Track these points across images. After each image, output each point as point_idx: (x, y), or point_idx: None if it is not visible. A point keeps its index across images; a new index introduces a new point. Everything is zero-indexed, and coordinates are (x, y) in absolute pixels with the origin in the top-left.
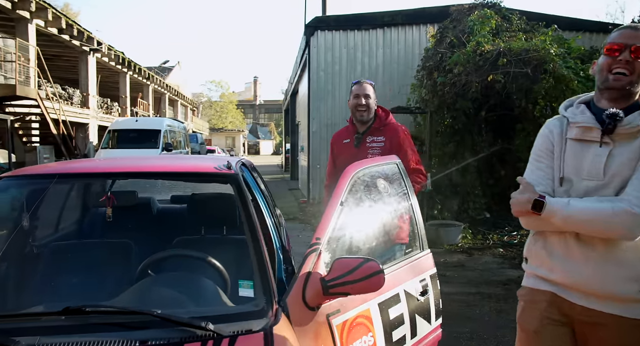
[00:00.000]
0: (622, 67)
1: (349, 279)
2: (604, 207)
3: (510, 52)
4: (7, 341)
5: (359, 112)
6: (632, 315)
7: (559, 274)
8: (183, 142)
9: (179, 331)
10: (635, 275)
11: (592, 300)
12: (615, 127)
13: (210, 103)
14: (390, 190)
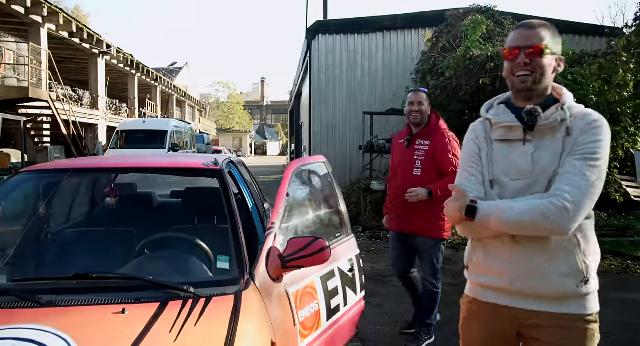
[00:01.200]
0: (522, 70)
1: (302, 254)
2: (537, 204)
3: (499, 56)
4: (33, 297)
5: (412, 116)
6: (569, 310)
7: (500, 279)
8: (189, 142)
9: (166, 293)
10: (572, 271)
11: (531, 300)
12: (535, 124)
13: (217, 104)
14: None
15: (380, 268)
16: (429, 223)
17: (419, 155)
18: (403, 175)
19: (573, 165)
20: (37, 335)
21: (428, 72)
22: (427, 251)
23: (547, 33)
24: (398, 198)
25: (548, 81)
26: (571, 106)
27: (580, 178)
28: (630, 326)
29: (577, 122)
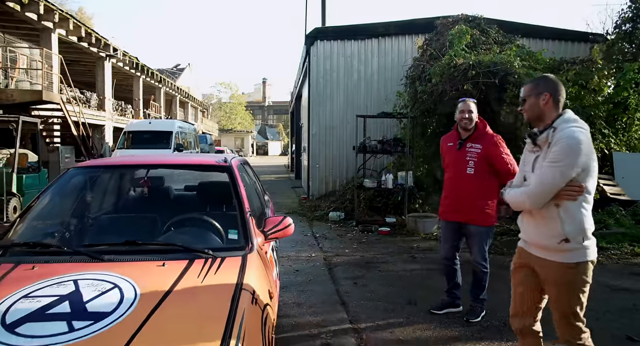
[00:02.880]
0: (522, 111)
1: (277, 229)
2: (520, 191)
3: (480, 64)
4: (98, 256)
5: (463, 123)
6: (556, 259)
7: (523, 234)
8: (193, 142)
9: (192, 254)
10: (554, 234)
11: (535, 249)
12: (536, 140)
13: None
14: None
15: (368, 257)
16: (480, 214)
17: (471, 156)
18: (456, 173)
19: (542, 167)
20: (106, 277)
21: (417, 78)
22: (478, 237)
23: (529, 87)
24: (453, 192)
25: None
26: (559, 127)
27: (541, 175)
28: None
29: (554, 138)
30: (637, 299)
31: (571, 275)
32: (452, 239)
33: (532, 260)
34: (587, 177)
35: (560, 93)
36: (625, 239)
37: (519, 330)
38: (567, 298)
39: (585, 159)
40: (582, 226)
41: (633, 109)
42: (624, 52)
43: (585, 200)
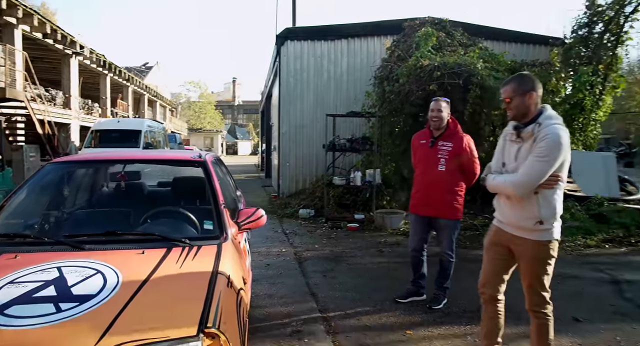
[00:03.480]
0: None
1: (250, 220)
2: (506, 179)
3: (445, 66)
4: (79, 245)
5: (434, 122)
6: (531, 237)
7: (499, 215)
8: (162, 141)
9: (169, 243)
10: (531, 217)
11: (512, 229)
12: (520, 133)
13: (189, 104)
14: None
15: (337, 251)
16: (449, 208)
17: (443, 154)
18: (428, 169)
19: (527, 160)
20: (89, 264)
21: (385, 79)
22: (447, 230)
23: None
24: (423, 188)
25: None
26: (543, 123)
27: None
28: None
29: (540, 133)
30: (585, 285)
31: (543, 251)
32: (421, 232)
33: (507, 238)
34: (562, 168)
35: (540, 90)
36: (579, 232)
37: (486, 298)
38: (538, 271)
39: (565, 153)
40: (555, 210)
41: (588, 110)
42: (580, 55)
43: (559, 187)
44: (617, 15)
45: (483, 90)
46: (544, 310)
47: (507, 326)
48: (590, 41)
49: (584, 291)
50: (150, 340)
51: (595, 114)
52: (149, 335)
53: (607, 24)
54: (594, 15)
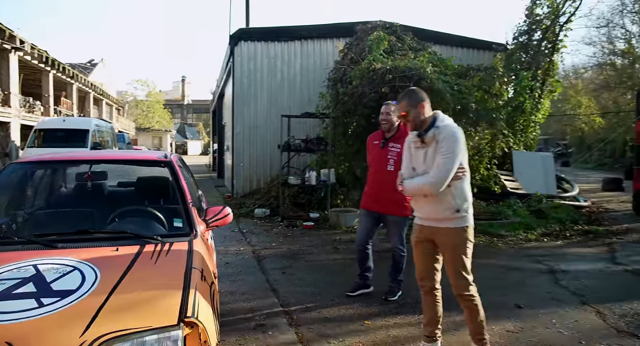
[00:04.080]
0: (406, 123)
1: (217, 218)
2: (421, 181)
3: (397, 69)
4: (52, 244)
5: (383, 125)
6: (450, 225)
7: (420, 214)
8: (111, 141)
9: (142, 240)
10: (448, 207)
11: (433, 222)
12: (424, 139)
13: (136, 103)
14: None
15: (294, 249)
16: (397, 206)
17: (392, 155)
18: (379, 169)
19: (436, 160)
20: (64, 261)
21: (339, 81)
22: (395, 226)
23: (406, 102)
24: (375, 186)
25: (422, 119)
26: (440, 126)
27: (436, 167)
28: (486, 280)
29: (440, 135)
30: (526, 275)
31: (462, 236)
32: (369, 226)
33: (430, 232)
34: (464, 160)
35: (428, 100)
36: (520, 227)
37: (426, 289)
38: (460, 256)
39: (463, 147)
40: (467, 198)
41: (529, 112)
42: (521, 61)
43: (467, 177)
44: (553, 24)
45: (432, 92)
46: (468, 292)
47: (455, 314)
48: (530, 48)
49: (525, 281)
50: (134, 330)
51: (534, 116)
52: (132, 325)
53: (545, 32)
54: (533, 23)
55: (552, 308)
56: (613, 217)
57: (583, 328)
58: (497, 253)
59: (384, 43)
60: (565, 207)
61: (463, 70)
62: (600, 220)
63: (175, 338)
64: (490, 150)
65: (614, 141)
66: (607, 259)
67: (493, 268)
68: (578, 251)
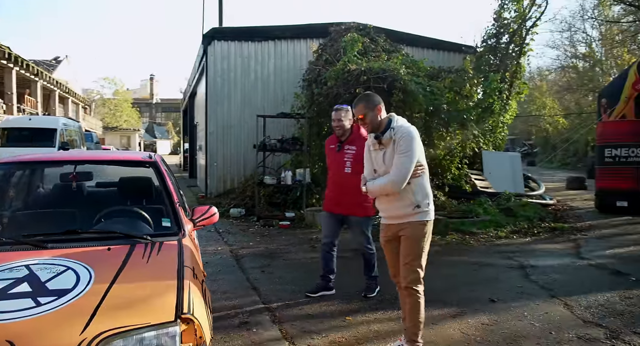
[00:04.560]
0: (363, 125)
1: (204, 217)
2: (383, 181)
3: (371, 71)
4: (41, 244)
5: (336, 130)
6: (412, 219)
7: (384, 213)
8: (79, 141)
9: (132, 240)
10: (409, 204)
11: (396, 220)
12: (382, 141)
13: (103, 101)
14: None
15: (272, 248)
16: (359, 207)
17: (348, 157)
18: (337, 172)
19: (395, 159)
20: (56, 261)
21: (313, 81)
22: (359, 226)
23: (363, 105)
24: (335, 189)
25: (378, 122)
26: (396, 127)
27: (395, 165)
28: (460, 276)
29: (396, 135)
30: (498, 271)
31: (422, 230)
32: (333, 228)
33: (395, 229)
34: (421, 157)
35: (382, 103)
36: (491, 225)
37: (398, 286)
38: (417, 249)
39: (420, 145)
40: (427, 193)
41: (497, 113)
42: (490, 63)
43: (425, 173)
44: (519, 28)
45: (405, 94)
46: (417, 286)
47: (433, 309)
48: (498, 50)
49: (497, 277)
50: (133, 326)
51: (502, 117)
52: (130, 322)
53: (512, 36)
54: (501, 27)
55: (523, 302)
56: (577, 214)
57: (553, 319)
58: (470, 250)
59: (358, 44)
60: (533, 205)
61: (435, 72)
62: (565, 218)
63: (173, 333)
64: (462, 150)
65: (577, 141)
66: (572, 254)
67: (466, 265)
68: (546, 247)
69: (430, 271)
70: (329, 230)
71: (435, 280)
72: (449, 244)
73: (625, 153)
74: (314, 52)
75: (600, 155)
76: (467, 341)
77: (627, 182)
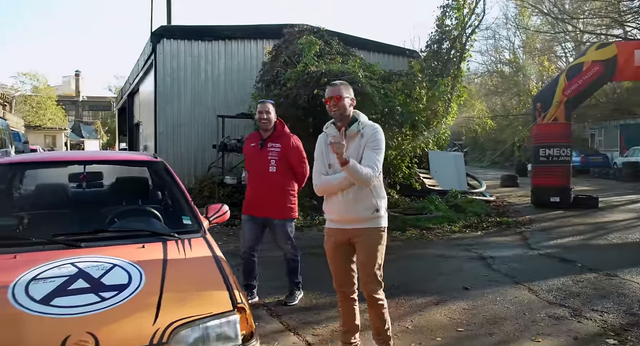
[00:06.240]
0: (333, 108)
1: (218, 215)
2: (342, 175)
3: (330, 73)
4: (75, 243)
5: (262, 123)
6: (370, 225)
7: (335, 215)
8: (7, 140)
9: (161, 238)
10: (368, 206)
11: (350, 223)
12: (346, 133)
13: (24, 98)
14: None
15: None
16: (282, 208)
17: (273, 155)
18: (259, 171)
19: (367, 153)
20: (99, 259)
21: (272, 82)
22: (281, 228)
23: (343, 87)
24: (256, 189)
25: (349, 112)
26: (363, 122)
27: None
28: (431, 267)
29: (366, 130)
30: (462, 262)
31: (380, 237)
32: (255, 233)
33: (347, 234)
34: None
35: None
36: (444, 220)
37: (344, 296)
38: (375, 257)
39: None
40: (384, 198)
41: (441, 115)
42: (433, 67)
43: (381, 178)
44: (460, 35)
45: (363, 95)
46: (379, 294)
47: (416, 298)
48: (441, 55)
49: (463, 267)
50: (197, 317)
51: (445, 119)
52: (194, 312)
53: (453, 42)
54: (443, 33)
55: (493, 288)
56: (516, 209)
57: (522, 302)
58: (430, 244)
59: (315, 47)
60: (479, 202)
61: (386, 75)
62: (507, 213)
63: (234, 321)
64: (412, 150)
65: (504, 141)
66: (523, 245)
67: (432, 257)
68: (497, 240)
69: (400, 264)
70: (250, 236)
71: (408, 272)
72: (410, 239)
73: (557, 153)
74: (269, 52)
75: (535, 154)
76: (455, 325)
77: (559, 179)
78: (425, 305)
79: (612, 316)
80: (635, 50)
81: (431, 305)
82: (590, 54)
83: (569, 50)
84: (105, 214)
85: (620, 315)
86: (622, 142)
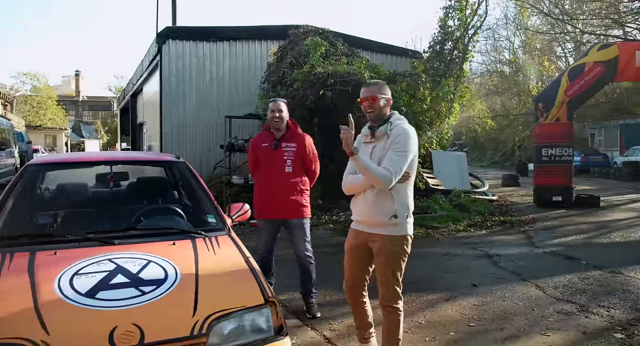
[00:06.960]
0: (368, 109)
1: (239, 214)
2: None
3: (337, 74)
4: (109, 240)
5: (275, 123)
6: (388, 232)
7: (357, 215)
8: (11, 141)
9: (189, 235)
10: (386, 212)
11: (368, 227)
12: (374, 133)
13: (25, 98)
14: None
15: (252, 246)
16: (299, 207)
17: (289, 155)
18: (274, 172)
19: (389, 155)
20: (135, 255)
21: (278, 83)
22: (300, 229)
23: (379, 87)
24: (270, 191)
25: (385, 112)
26: (393, 123)
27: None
28: (438, 265)
29: (393, 131)
30: (469, 260)
31: (398, 246)
32: (271, 236)
33: (367, 237)
34: (412, 165)
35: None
36: (448, 219)
37: (353, 297)
38: (393, 266)
39: (416, 150)
40: (408, 205)
41: (444, 115)
42: (436, 68)
43: (410, 183)
44: (462, 36)
45: None
46: (396, 305)
47: (427, 295)
48: (444, 56)
49: (470, 265)
50: (233, 309)
51: (448, 119)
52: (230, 305)
53: (455, 43)
54: (446, 34)
55: (501, 285)
56: (519, 208)
57: (530, 298)
58: (437, 242)
59: (321, 48)
60: (482, 201)
61: (391, 76)
62: (510, 212)
63: (266, 314)
64: None
65: (504, 141)
66: (527, 244)
67: (439, 256)
68: (502, 238)
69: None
70: (267, 240)
71: (418, 270)
72: (416, 238)
73: (559, 152)
74: (274, 53)
75: (537, 154)
76: (466, 320)
77: (561, 179)
78: (436, 302)
79: (618, 312)
80: (636, 51)
81: (442, 301)
82: (592, 54)
83: (569, 51)
84: (132, 213)
85: (627, 311)
86: (622, 142)
